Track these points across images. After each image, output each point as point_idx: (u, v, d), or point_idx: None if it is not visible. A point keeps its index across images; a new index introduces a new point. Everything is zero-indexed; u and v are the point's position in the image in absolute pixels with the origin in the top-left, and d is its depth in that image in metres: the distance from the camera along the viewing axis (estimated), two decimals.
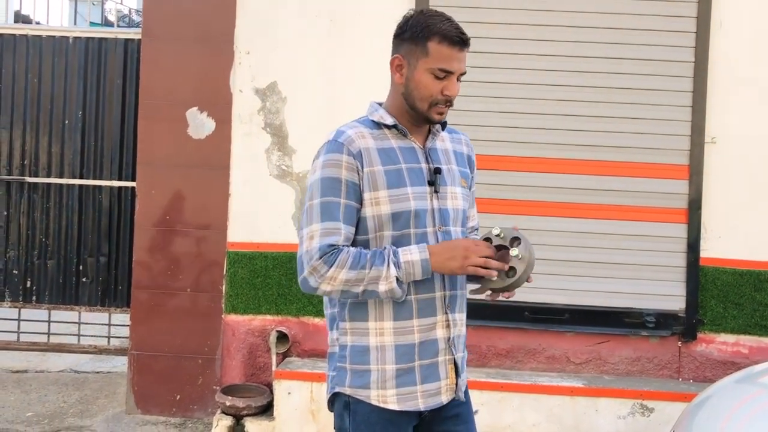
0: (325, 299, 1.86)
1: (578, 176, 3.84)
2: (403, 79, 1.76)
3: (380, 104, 1.84)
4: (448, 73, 1.72)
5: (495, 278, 1.70)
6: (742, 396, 2.30)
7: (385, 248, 1.70)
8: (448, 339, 1.77)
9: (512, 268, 1.70)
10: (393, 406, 1.73)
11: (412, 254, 1.68)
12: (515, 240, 1.71)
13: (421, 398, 1.74)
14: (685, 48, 3.81)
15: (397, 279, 1.67)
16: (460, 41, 1.72)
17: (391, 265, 1.66)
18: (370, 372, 1.74)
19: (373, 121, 1.81)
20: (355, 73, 3.85)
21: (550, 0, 3.85)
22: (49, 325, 4.64)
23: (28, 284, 4.57)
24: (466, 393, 1.87)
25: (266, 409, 3.72)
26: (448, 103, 1.75)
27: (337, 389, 1.78)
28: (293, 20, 3.95)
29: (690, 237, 3.80)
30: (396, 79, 1.79)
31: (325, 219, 1.69)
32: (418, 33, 1.73)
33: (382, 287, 1.66)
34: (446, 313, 1.77)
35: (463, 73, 1.76)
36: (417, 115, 1.77)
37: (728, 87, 3.80)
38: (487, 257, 1.68)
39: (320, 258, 1.66)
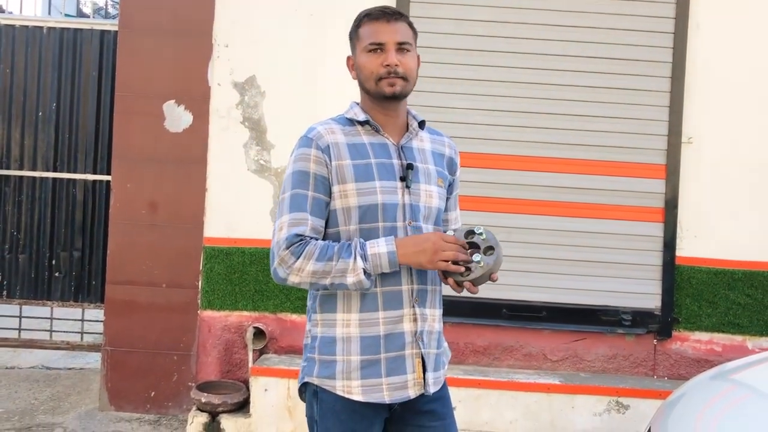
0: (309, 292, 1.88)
1: (556, 174, 3.86)
2: (355, 72, 1.85)
3: (358, 104, 1.88)
4: (379, 44, 1.78)
5: (462, 273, 1.71)
6: (716, 392, 2.33)
7: (353, 240, 1.72)
8: (415, 333, 1.77)
9: (468, 269, 1.71)
10: (357, 397, 1.74)
11: (379, 246, 1.69)
12: (489, 249, 1.72)
13: (386, 391, 1.75)
14: (663, 48, 3.84)
15: (365, 271, 1.67)
16: (382, 14, 1.80)
17: (358, 258, 1.67)
18: (335, 362, 1.76)
19: (347, 118, 1.85)
20: (335, 67, 3.82)
21: None
22: (20, 321, 4.56)
23: None
24: (444, 389, 1.87)
25: (242, 406, 3.68)
26: (394, 74, 1.77)
27: (306, 379, 1.81)
28: (272, 14, 3.92)
29: (666, 236, 3.83)
30: (352, 77, 1.88)
31: (293, 210, 1.74)
32: (353, 27, 1.86)
33: (350, 279, 1.67)
34: (413, 306, 1.78)
35: (403, 43, 1.79)
36: (375, 98, 1.81)
37: (705, 88, 3.84)
38: (456, 251, 1.69)
39: (287, 248, 1.70)
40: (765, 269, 3.81)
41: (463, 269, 1.70)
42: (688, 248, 3.84)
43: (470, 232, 1.75)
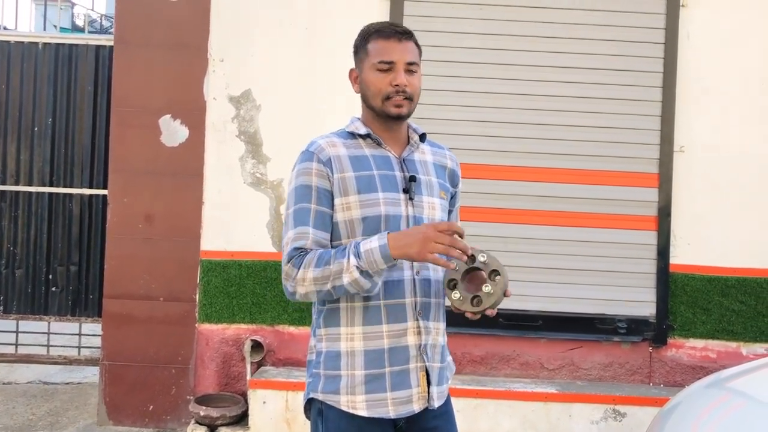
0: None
1: (550, 184, 3.89)
2: (358, 86, 1.84)
3: (358, 118, 1.88)
4: (389, 63, 1.77)
5: (455, 268, 1.67)
6: (712, 400, 2.34)
7: (350, 243, 1.70)
8: (420, 346, 1.77)
9: (477, 297, 1.69)
10: (362, 412, 1.73)
11: (371, 242, 1.66)
12: (494, 273, 1.68)
13: (391, 405, 1.74)
14: (654, 59, 3.89)
15: (360, 269, 1.64)
16: (394, 32, 1.79)
17: (351, 256, 1.65)
18: (340, 377, 1.75)
19: (348, 132, 1.85)
20: (330, 80, 3.86)
21: (523, 11, 3.90)
22: (17, 336, 4.55)
23: None
24: (447, 404, 1.87)
25: (241, 419, 3.69)
26: (402, 94, 1.77)
27: (311, 395, 1.80)
28: (268, 28, 3.95)
29: (660, 244, 3.86)
30: (354, 90, 1.86)
31: (297, 225, 1.74)
32: (360, 41, 1.84)
33: (346, 279, 1.65)
34: (417, 319, 1.77)
35: (411, 63, 1.79)
36: (379, 116, 1.81)
37: (696, 97, 3.88)
38: (450, 243, 1.60)
39: (288, 262, 1.71)
40: (757, 276, 3.85)
41: (453, 265, 1.65)
42: (681, 256, 3.87)
43: (472, 258, 1.68)
